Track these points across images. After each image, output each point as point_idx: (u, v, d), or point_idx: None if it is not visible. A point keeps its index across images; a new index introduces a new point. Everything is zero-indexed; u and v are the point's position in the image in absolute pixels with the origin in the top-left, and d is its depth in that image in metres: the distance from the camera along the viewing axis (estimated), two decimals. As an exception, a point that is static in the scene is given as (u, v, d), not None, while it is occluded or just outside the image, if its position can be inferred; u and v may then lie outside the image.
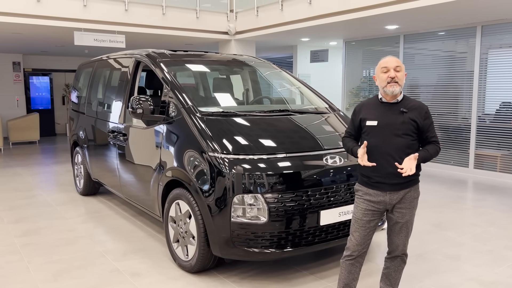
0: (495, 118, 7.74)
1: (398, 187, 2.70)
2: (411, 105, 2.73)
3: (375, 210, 2.76)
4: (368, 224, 2.77)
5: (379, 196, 2.72)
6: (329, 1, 7.79)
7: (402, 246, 2.85)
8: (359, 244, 2.79)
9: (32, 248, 4.24)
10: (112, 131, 5.01)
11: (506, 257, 4.04)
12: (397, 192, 2.71)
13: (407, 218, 2.77)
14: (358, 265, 2.86)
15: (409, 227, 2.80)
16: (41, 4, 7.76)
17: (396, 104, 2.74)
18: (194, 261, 3.53)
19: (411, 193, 2.75)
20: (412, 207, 2.77)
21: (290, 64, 12.89)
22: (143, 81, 5.31)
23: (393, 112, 2.72)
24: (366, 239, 2.80)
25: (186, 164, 3.58)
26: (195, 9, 9.60)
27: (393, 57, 2.77)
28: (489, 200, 6.10)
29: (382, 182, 2.70)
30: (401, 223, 2.77)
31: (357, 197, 2.83)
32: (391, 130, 2.69)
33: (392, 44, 9.35)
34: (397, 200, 2.73)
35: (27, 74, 14.31)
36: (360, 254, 2.83)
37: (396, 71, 2.69)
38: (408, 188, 2.73)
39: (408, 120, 2.68)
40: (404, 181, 2.69)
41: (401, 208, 2.75)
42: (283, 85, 5.30)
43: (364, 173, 2.78)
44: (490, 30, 7.65)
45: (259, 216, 3.23)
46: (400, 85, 2.69)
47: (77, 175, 6.46)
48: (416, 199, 2.79)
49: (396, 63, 2.70)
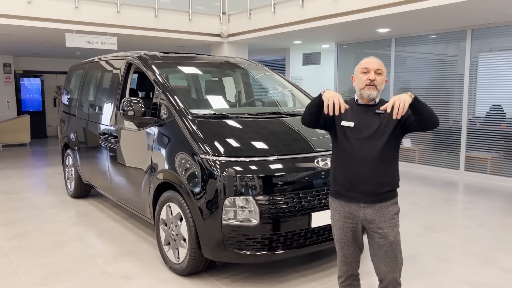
0: (485, 121, 7.81)
1: (373, 199, 2.42)
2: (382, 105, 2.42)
3: (354, 225, 2.48)
4: (349, 242, 2.52)
5: (353, 210, 2.46)
6: (321, 4, 7.83)
7: (392, 274, 2.47)
8: (347, 263, 2.57)
9: (21, 251, 4.20)
10: (103, 133, 4.99)
11: (496, 259, 4.08)
12: (372, 206, 2.42)
13: (390, 239, 2.42)
14: (356, 283, 2.65)
15: (396, 250, 2.44)
16: (32, 6, 7.70)
17: (373, 106, 2.51)
18: (185, 263, 3.52)
19: (390, 209, 2.45)
20: (393, 225, 2.44)
21: (282, 66, 12.92)
22: (135, 83, 5.29)
23: (369, 114, 2.49)
24: (353, 258, 2.56)
25: (178, 167, 3.57)
26: (187, 11, 9.60)
27: (376, 58, 2.54)
28: (479, 202, 6.15)
29: (355, 190, 2.44)
30: (385, 245, 2.43)
31: (332, 214, 2.57)
32: (368, 132, 2.44)
33: (384, 47, 9.41)
34: (373, 216, 2.43)
35: (18, 76, 14.19)
36: (352, 275, 2.61)
37: (377, 73, 2.47)
38: (384, 201, 2.43)
39: (387, 119, 2.44)
40: (380, 191, 2.41)
41: (381, 227, 2.42)
42: (275, 88, 5.31)
43: (336, 178, 2.52)
44: (480, 33, 7.73)
45: (250, 218, 3.23)
46: (378, 89, 2.48)
47: (68, 177, 6.41)
48: (396, 215, 2.47)
49: (378, 66, 2.48)
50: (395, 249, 2.45)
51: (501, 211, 5.69)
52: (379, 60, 2.53)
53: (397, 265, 2.48)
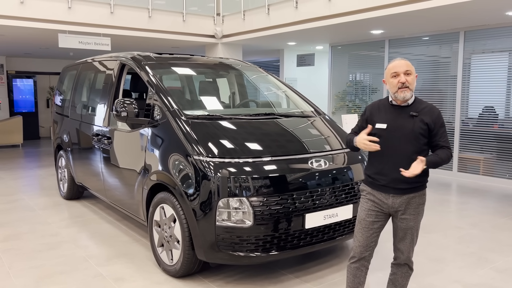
0: (478, 122, 7.86)
1: (401, 192, 2.62)
2: (423, 108, 2.62)
3: (379, 211, 2.69)
4: (372, 226, 2.69)
5: (382, 198, 2.66)
6: (315, 6, 7.84)
7: (406, 253, 2.74)
8: (362, 245, 2.72)
9: (13, 253, 4.16)
10: (97, 134, 4.96)
11: (489, 259, 4.10)
12: (400, 196, 2.63)
13: (411, 225, 2.67)
14: (364, 269, 2.77)
15: (413, 234, 2.70)
16: (24, 6, 7.65)
17: (406, 108, 2.62)
18: (178, 265, 3.50)
19: (416, 199, 2.66)
20: (417, 214, 2.68)
21: (277, 68, 12.93)
22: (128, 84, 5.27)
23: (403, 115, 2.61)
24: (370, 241, 2.71)
25: (171, 168, 3.56)
26: (181, 12, 9.58)
27: (402, 59, 2.63)
28: (472, 203, 6.18)
29: (386, 185, 2.63)
30: (405, 229, 2.68)
31: (362, 197, 2.78)
32: (401, 134, 2.58)
33: (378, 49, 9.45)
34: (400, 205, 2.64)
35: (10, 77, 14.09)
36: (364, 257, 2.74)
37: (407, 74, 2.57)
38: (412, 193, 2.63)
39: (418, 123, 2.57)
40: (409, 187, 2.61)
41: (405, 214, 2.65)
42: (269, 89, 5.31)
43: (370, 174, 2.72)
44: (473, 35, 7.78)
45: (244, 219, 3.22)
46: (411, 89, 2.59)
47: (60, 179, 6.37)
48: (421, 205, 2.69)
49: (406, 67, 2.58)
50: (413, 233, 2.70)
51: (493, 212, 5.72)
52: (406, 61, 2.62)
53: (412, 246, 2.75)
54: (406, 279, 2.84)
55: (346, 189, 3.63)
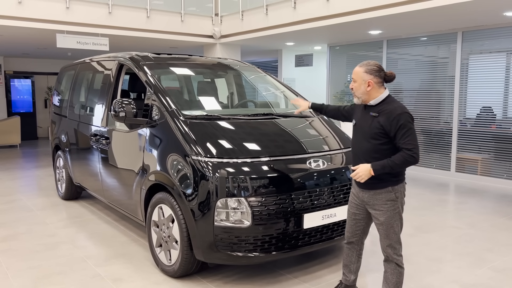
0: (476, 122, 7.88)
1: (366, 186, 2.82)
2: (385, 109, 2.73)
3: (358, 204, 2.94)
4: (354, 216, 2.99)
5: (356, 191, 2.94)
6: (313, 6, 7.85)
7: (383, 247, 2.87)
8: (349, 232, 3.06)
9: (11, 253, 4.16)
10: (95, 134, 4.95)
11: (486, 259, 4.11)
12: (368, 191, 2.83)
13: (381, 220, 2.80)
14: (354, 251, 3.10)
15: (387, 230, 2.80)
16: (22, 6, 7.64)
17: (371, 107, 2.80)
18: (177, 265, 3.50)
19: (383, 195, 2.78)
20: (385, 210, 2.78)
21: (275, 68, 12.93)
22: (126, 84, 5.26)
23: (367, 115, 2.82)
24: (355, 229, 3.02)
25: (169, 168, 3.55)
26: (180, 12, 9.57)
27: (357, 66, 2.85)
28: (470, 203, 6.20)
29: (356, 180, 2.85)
30: (377, 224, 2.85)
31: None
32: (362, 132, 2.84)
33: (376, 49, 9.46)
34: (368, 199, 2.84)
35: (8, 77, 14.06)
36: (353, 242, 3.06)
37: (354, 82, 2.84)
38: (378, 189, 2.78)
39: (375, 124, 2.73)
40: (372, 181, 2.76)
41: (374, 209, 2.84)
42: (267, 89, 5.31)
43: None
44: (471, 36, 7.80)
45: (242, 220, 3.22)
46: (356, 96, 2.84)
47: (58, 179, 6.36)
48: (390, 202, 2.77)
49: (353, 75, 2.86)
50: (386, 229, 2.81)
51: (491, 212, 5.74)
52: (356, 68, 2.85)
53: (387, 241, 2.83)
54: (396, 276, 2.88)
55: (345, 189, 3.64)
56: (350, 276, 3.18)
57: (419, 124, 8.63)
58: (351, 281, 3.19)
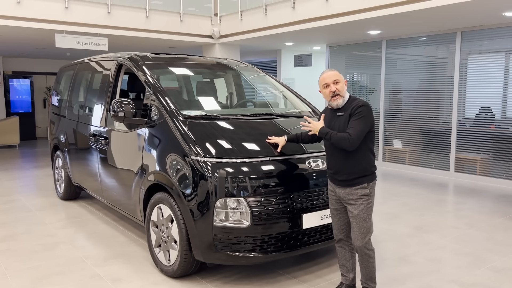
0: (474, 123, 7.89)
1: (344, 184, 2.99)
2: (349, 105, 2.98)
3: (337, 200, 3.11)
4: (336, 212, 3.15)
5: (334, 188, 3.09)
6: (312, 6, 7.85)
7: (354, 239, 3.01)
8: (335, 229, 3.19)
9: (9, 254, 4.15)
10: (94, 134, 4.95)
11: (486, 259, 4.11)
12: (344, 188, 3.00)
13: (355, 213, 2.96)
14: (346, 248, 3.21)
15: (360, 223, 2.96)
16: (21, 6, 7.63)
17: (338, 109, 3.05)
18: (176, 266, 3.50)
19: (358, 191, 2.96)
20: (359, 204, 2.96)
21: (274, 68, 12.93)
22: (125, 84, 5.26)
23: (335, 117, 3.05)
24: (340, 225, 3.16)
25: (168, 168, 3.55)
26: (179, 12, 9.57)
27: (331, 70, 3.03)
28: (469, 203, 6.20)
29: (332, 177, 3.08)
30: (351, 217, 3.00)
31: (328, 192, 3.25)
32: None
33: (375, 49, 9.47)
34: (344, 195, 3.01)
35: (7, 77, 14.04)
36: (342, 239, 3.18)
37: (335, 83, 2.98)
38: (353, 186, 2.96)
39: (344, 121, 2.96)
40: (347, 178, 2.96)
41: (349, 203, 3.00)
42: (267, 89, 5.31)
43: (327, 168, 3.16)
44: (470, 36, 7.81)
45: (242, 220, 3.22)
46: (342, 96, 3.00)
47: (57, 179, 6.35)
48: (364, 197, 2.96)
49: (334, 77, 2.99)
50: (359, 222, 2.96)
51: (490, 212, 5.74)
52: (334, 72, 3.03)
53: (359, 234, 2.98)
54: (368, 266, 3.04)
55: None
56: (348, 275, 3.24)
57: (419, 124, 8.65)
58: (351, 280, 3.25)
